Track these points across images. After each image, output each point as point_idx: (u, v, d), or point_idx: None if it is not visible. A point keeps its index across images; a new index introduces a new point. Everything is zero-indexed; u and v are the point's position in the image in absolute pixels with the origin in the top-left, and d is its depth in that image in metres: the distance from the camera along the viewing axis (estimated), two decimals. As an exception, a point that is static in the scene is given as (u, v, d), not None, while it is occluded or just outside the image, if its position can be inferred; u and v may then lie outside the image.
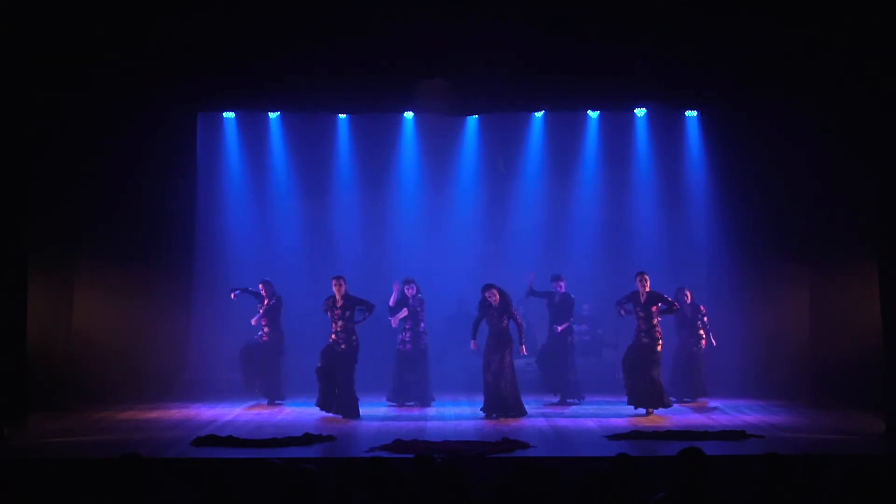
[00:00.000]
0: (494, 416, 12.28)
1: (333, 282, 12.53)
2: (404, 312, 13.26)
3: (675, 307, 12.88)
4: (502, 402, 12.29)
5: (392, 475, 6.31)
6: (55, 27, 11.91)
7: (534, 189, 16.65)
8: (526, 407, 12.48)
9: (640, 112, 16.04)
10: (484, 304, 12.45)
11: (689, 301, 13.90)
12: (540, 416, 12.52)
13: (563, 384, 13.79)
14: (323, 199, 16.53)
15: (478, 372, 12.78)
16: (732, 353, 14.48)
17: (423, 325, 13.39)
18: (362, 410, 12.51)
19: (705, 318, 13.96)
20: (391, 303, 13.38)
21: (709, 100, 14.44)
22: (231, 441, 10.35)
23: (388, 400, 13.46)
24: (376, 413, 12.77)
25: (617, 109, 15.88)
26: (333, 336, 12.45)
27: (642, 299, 12.64)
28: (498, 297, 12.37)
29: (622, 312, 12.89)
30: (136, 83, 13.13)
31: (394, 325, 13.41)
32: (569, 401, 13.67)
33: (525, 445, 10.08)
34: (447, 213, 16.68)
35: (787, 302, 14.21)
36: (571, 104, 15.27)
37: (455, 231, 16.51)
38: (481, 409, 12.41)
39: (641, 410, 12.51)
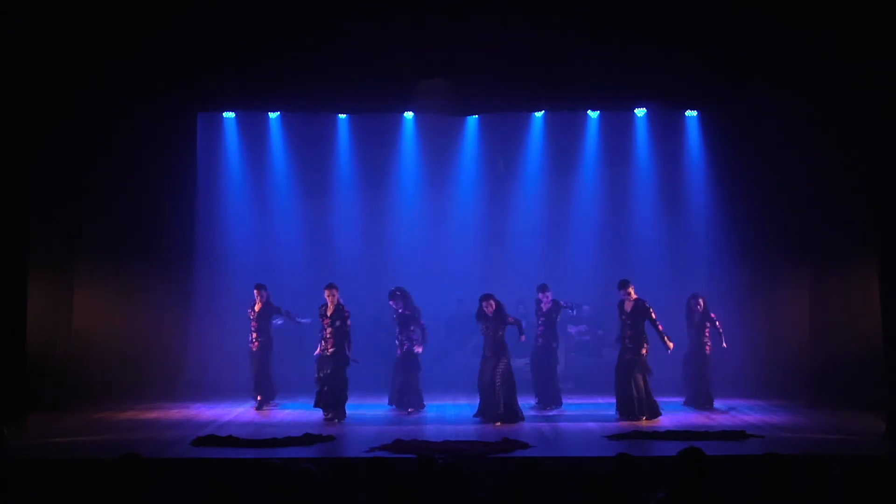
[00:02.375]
0: (489, 421, 12.29)
1: (326, 291, 12.47)
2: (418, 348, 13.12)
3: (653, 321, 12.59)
4: (494, 410, 12.22)
5: (392, 475, 6.31)
6: (55, 27, 11.90)
7: (534, 189, 16.64)
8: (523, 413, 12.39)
9: (640, 112, 16.03)
10: (480, 314, 12.42)
11: (700, 309, 13.54)
12: (540, 417, 12.53)
13: (545, 390, 13.71)
14: (323, 199, 16.53)
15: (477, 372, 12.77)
16: (732, 354, 14.45)
17: (411, 331, 13.24)
18: (363, 412, 12.54)
19: (717, 324, 13.55)
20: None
21: (709, 100, 14.44)
22: (231, 441, 10.36)
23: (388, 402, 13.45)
24: (376, 414, 12.78)
25: (617, 109, 15.87)
26: (322, 343, 12.43)
27: (628, 308, 12.59)
28: (494, 306, 12.32)
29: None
30: (136, 83, 13.12)
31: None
32: (549, 408, 13.49)
33: (525, 445, 10.08)
34: (447, 213, 16.67)
35: (786, 302, 14.22)
36: (571, 104, 15.25)
37: (455, 231, 16.50)
38: (475, 416, 12.35)
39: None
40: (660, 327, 12.50)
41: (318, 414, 12.39)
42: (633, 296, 12.57)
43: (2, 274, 11.26)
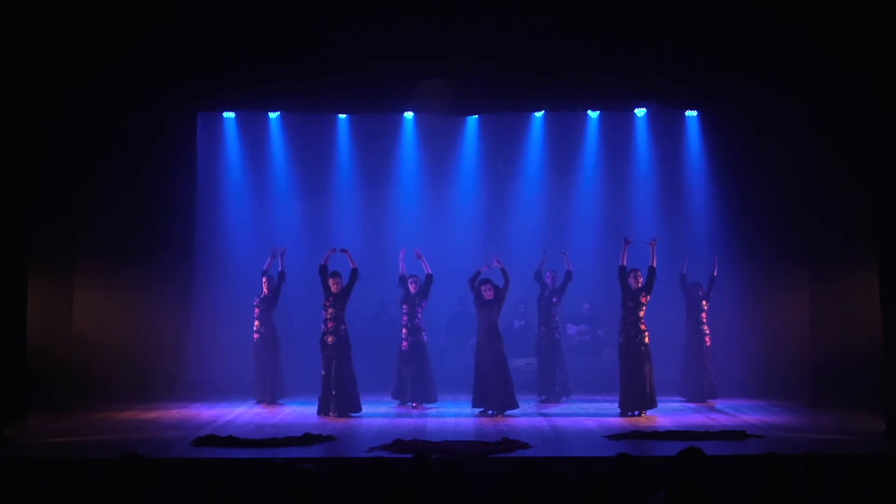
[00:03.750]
0: (491, 412, 12.42)
1: (331, 280, 12.62)
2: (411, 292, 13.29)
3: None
4: (499, 398, 12.41)
5: (392, 475, 6.31)
6: (55, 28, 11.91)
7: (534, 189, 16.63)
8: (519, 402, 12.64)
9: (640, 112, 16.02)
10: (479, 300, 12.63)
11: (700, 294, 14.05)
12: (540, 416, 12.55)
13: (551, 382, 13.86)
14: (323, 199, 16.51)
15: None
16: (732, 353, 14.49)
17: (418, 320, 13.32)
18: (363, 409, 12.60)
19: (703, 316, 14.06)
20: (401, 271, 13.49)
21: (709, 100, 14.44)
22: (231, 441, 10.35)
23: (392, 398, 13.53)
24: (377, 412, 12.79)
25: (617, 109, 15.86)
26: (322, 326, 12.54)
27: (633, 286, 12.71)
28: (492, 293, 12.55)
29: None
30: (137, 83, 13.13)
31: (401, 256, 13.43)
32: (563, 399, 13.78)
33: (525, 445, 10.07)
34: (447, 213, 16.66)
35: (786, 302, 14.22)
36: (571, 104, 15.26)
37: (455, 231, 16.49)
38: (475, 405, 12.57)
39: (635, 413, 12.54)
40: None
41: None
42: (640, 279, 12.68)
43: (2, 274, 11.25)
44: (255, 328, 13.87)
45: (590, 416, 12.57)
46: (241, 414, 12.85)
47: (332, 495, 6.36)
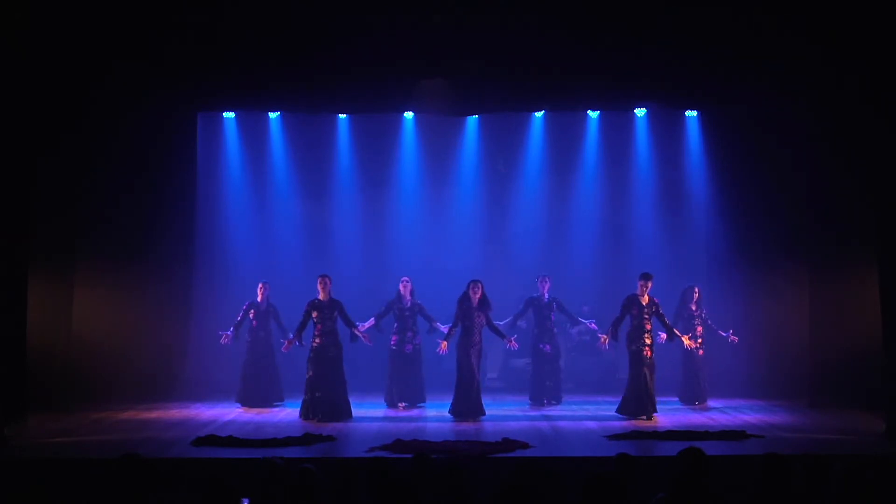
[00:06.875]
0: (471, 418, 12.30)
1: (320, 282, 12.59)
2: (370, 322, 13.35)
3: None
4: (472, 405, 12.39)
5: (392, 475, 6.31)
6: (55, 29, 11.91)
7: (534, 189, 16.62)
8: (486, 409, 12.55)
9: (640, 112, 16.02)
10: (464, 298, 12.63)
11: (695, 299, 13.91)
12: (540, 417, 12.55)
13: (540, 387, 13.86)
14: (323, 199, 16.50)
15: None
16: (732, 353, 14.48)
17: (409, 333, 13.58)
18: (362, 411, 12.56)
19: (707, 320, 13.93)
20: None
21: (709, 100, 14.44)
22: (231, 441, 10.36)
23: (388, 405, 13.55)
24: (376, 413, 12.79)
25: (617, 109, 15.85)
26: (318, 340, 12.41)
27: (644, 302, 12.65)
28: (479, 295, 12.59)
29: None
30: (137, 83, 13.13)
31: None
32: (545, 401, 13.73)
33: (525, 445, 10.08)
34: (447, 213, 16.65)
35: (786, 302, 14.22)
36: (571, 104, 15.24)
37: (455, 231, 16.49)
38: (449, 412, 12.47)
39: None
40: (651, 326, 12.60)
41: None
42: (645, 295, 12.64)
43: (2, 274, 11.26)
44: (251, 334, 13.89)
45: (590, 416, 12.58)
46: (241, 414, 12.86)
47: (332, 495, 6.36)
